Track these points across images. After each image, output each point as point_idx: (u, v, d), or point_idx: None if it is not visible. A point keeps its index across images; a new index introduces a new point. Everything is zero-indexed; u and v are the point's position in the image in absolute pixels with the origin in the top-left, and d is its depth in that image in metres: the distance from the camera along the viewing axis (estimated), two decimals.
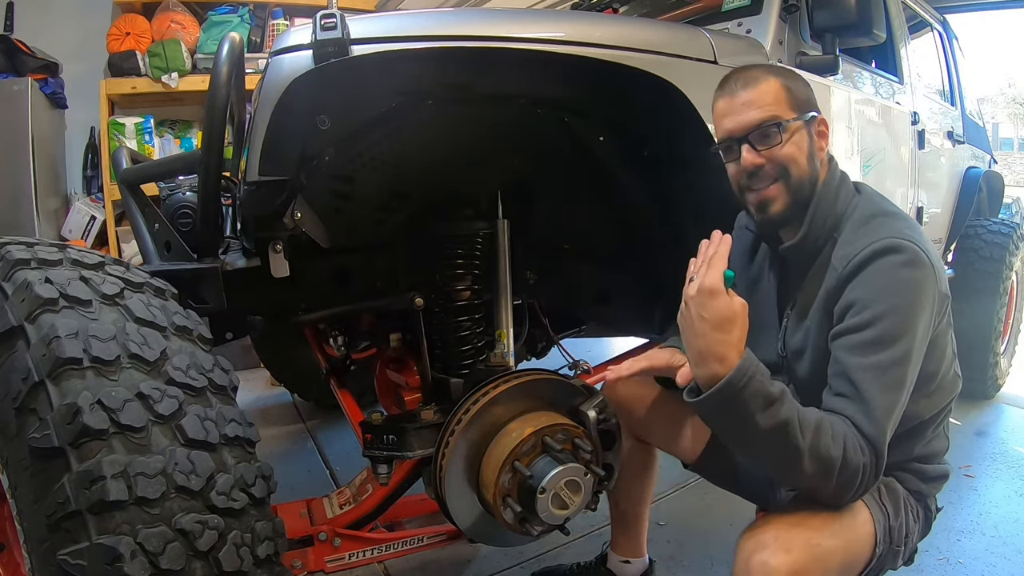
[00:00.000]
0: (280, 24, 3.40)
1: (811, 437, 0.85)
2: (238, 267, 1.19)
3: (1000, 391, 2.93)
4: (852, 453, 0.86)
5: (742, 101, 1.01)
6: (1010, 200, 8.33)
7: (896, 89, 2.15)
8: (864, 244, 0.95)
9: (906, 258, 0.92)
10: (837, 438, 0.86)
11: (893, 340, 0.90)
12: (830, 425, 0.87)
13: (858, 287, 0.94)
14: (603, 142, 1.33)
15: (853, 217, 1.03)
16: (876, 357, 0.89)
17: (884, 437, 0.89)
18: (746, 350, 0.86)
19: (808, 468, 0.85)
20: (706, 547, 1.71)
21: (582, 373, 1.45)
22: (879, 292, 0.92)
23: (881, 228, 0.97)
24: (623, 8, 2.25)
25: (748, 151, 1.01)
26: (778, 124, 1.00)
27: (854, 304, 0.93)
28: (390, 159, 1.23)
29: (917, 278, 0.93)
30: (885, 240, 0.94)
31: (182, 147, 3.36)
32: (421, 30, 1.07)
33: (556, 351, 1.74)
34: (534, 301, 1.64)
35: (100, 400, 0.73)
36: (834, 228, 1.03)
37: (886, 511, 0.99)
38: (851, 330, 0.93)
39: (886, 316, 0.90)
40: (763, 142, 1.01)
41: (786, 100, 1.02)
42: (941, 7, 2.96)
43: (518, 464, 1.11)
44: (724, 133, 1.05)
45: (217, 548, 0.73)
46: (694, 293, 0.86)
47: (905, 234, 0.95)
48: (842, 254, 0.98)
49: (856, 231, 1.00)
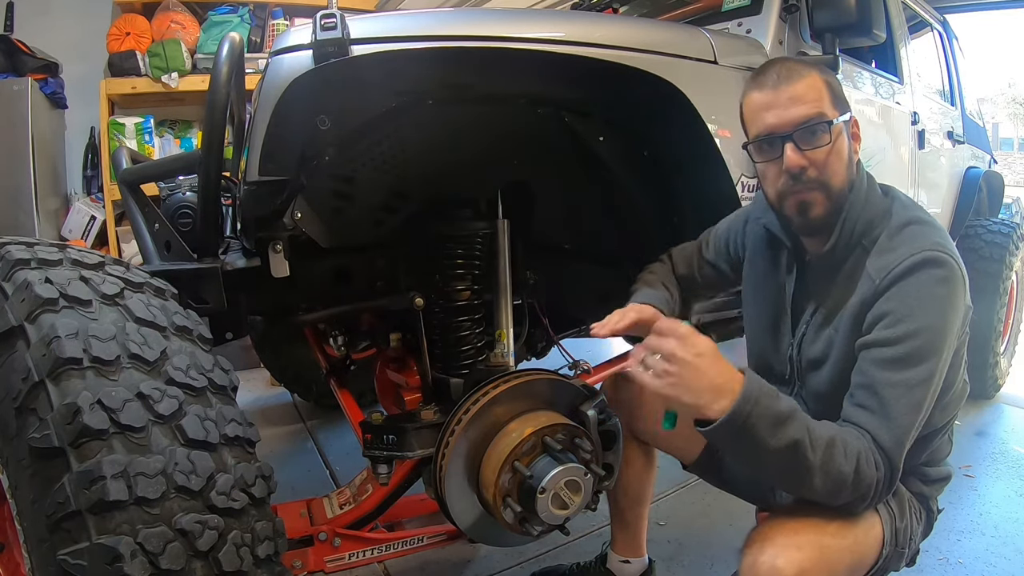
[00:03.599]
0: (280, 24, 3.40)
1: (822, 454, 0.83)
2: (238, 267, 1.20)
3: (1000, 391, 2.93)
4: (866, 467, 0.85)
5: (788, 95, 0.94)
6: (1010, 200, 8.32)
7: (896, 89, 2.15)
8: (904, 255, 0.91)
9: (944, 274, 0.90)
10: (850, 454, 0.85)
11: (923, 359, 0.88)
12: (843, 442, 0.85)
13: (894, 299, 0.91)
14: (603, 142, 1.33)
15: (889, 224, 0.98)
16: (905, 375, 0.88)
17: (902, 453, 0.88)
18: (747, 371, 0.84)
19: (819, 484, 0.84)
20: (706, 547, 1.71)
21: (582, 373, 1.44)
22: (914, 308, 0.89)
23: (919, 238, 0.94)
24: (623, 8, 2.25)
25: (793, 150, 0.94)
26: (828, 122, 0.94)
27: (887, 315, 0.91)
28: (390, 159, 1.23)
29: (953, 295, 0.91)
30: (925, 252, 0.90)
31: (182, 147, 3.36)
32: (421, 30, 1.07)
33: (556, 351, 1.74)
34: (534, 301, 1.64)
35: (100, 400, 0.73)
36: (863, 234, 0.99)
37: (892, 513, 0.99)
38: (882, 343, 0.90)
39: (919, 334, 0.88)
40: (809, 141, 0.94)
41: (829, 97, 0.96)
42: (941, 7, 2.96)
43: (518, 464, 1.11)
44: (765, 129, 0.96)
45: (217, 548, 0.73)
46: (678, 342, 0.83)
47: (942, 245, 0.92)
48: (880, 264, 0.94)
49: (892, 239, 0.96)
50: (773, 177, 0.99)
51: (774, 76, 0.97)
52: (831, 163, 0.96)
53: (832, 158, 0.96)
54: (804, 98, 0.94)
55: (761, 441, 0.82)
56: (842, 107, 0.97)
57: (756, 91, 0.98)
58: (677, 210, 1.46)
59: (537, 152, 1.35)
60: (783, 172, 0.97)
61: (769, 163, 0.98)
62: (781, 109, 0.95)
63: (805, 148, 0.94)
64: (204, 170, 1.13)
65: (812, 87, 0.95)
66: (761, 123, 0.97)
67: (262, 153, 1.02)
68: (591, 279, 1.69)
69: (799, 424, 0.84)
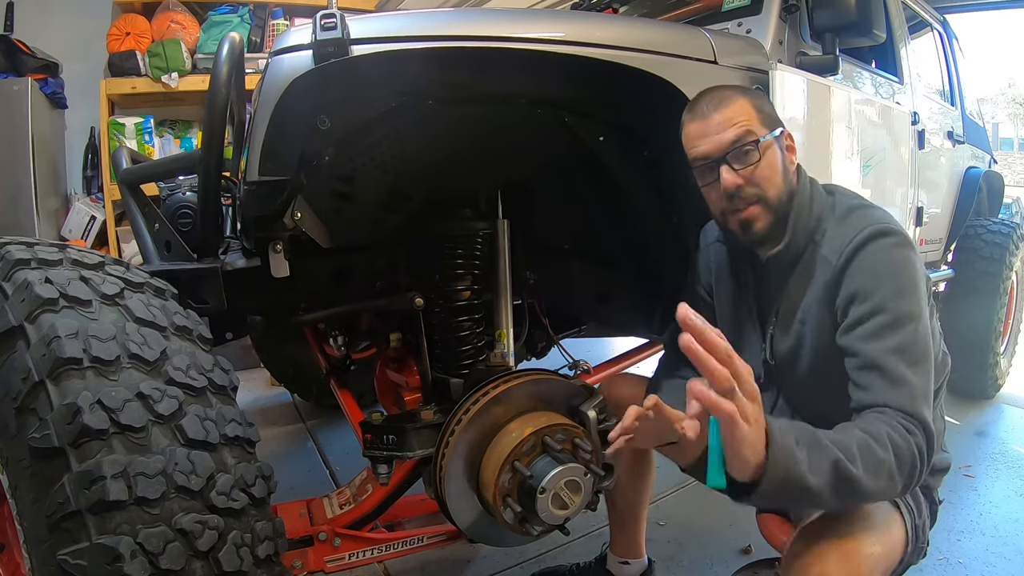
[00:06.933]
0: (280, 24, 3.40)
1: (861, 462, 0.79)
2: (238, 267, 1.20)
3: (1000, 391, 2.93)
4: (902, 442, 0.82)
5: (717, 122, 1.01)
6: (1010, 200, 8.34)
7: (896, 89, 2.15)
8: (854, 232, 0.97)
9: (897, 240, 0.95)
10: (882, 441, 0.81)
11: (907, 318, 0.91)
12: (869, 434, 0.82)
13: (857, 275, 0.95)
14: (603, 142, 1.33)
15: (833, 215, 1.04)
16: (896, 339, 0.90)
17: (927, 411, 0.87)
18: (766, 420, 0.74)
19: (872, 487, 0.80)
20: (706, 547, 1.71)
21: (582, 373, 1.45)
22: (880, 277, 0.93)
23: (864, 217, 1.00)
24: (623, 8, 2.25)
25: (728, 171, 1.01)
26: (755, 141, 1.00)
27: (857, 294, 0.94)
28: (390, 159, 1.23)
29: (911, 258, 0.95)
30: (874, 226, 0.96)
31: (182, 147, 3.36)
32: (421, 30, 1.07)
33: (556, 351, 1.74)
34: (534, 301, 1.64)
35: (100, 400, 0.73)
36: (814, 231, 1.04)
37: (912, 510, 1.00)
38: (862, 320, 0.93)
39: (894, 297, 0.92)
40: (741, 160, 1.00)
41: (757, 117, 1.02)
42: (941, 7, 2.96)
43: (518, 464, 1.11)
44: (701, 155, 1.04)
45: (217, 548, 0.73)
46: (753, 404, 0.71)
47: (887, 221, 0.98)
48: (833, 247, 0.99)
49: (839, 225, 1.01)
50: (716, 199, 1.05)
51: (704, 107, 1.04)
52: (766, 177, 1.01)
53: (766, 173, 1.01)
54: (732, 121, 1.01)
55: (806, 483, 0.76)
56: (772, 124, 1.04)
57: (690, 122, 1.05)
58: (677, 210, 1.46)
59: (537, 152, 1.35)
60: (722, 194, 1.02)
61: (710, 186, 1.05)
62: (713, 135, 1.02)
63: (739, 168, 1.01)
64: (204, 170, 1.13)
65: (740, 111, 1.01)
66: (697, 151, 1.04)
67: (262, 153, 1.02)
68: (591, 279, 1.69)
69: (828, 450, 0.78)
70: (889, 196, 2.03)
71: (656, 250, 1.55)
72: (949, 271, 2.74)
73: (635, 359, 1.98)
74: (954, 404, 2.77)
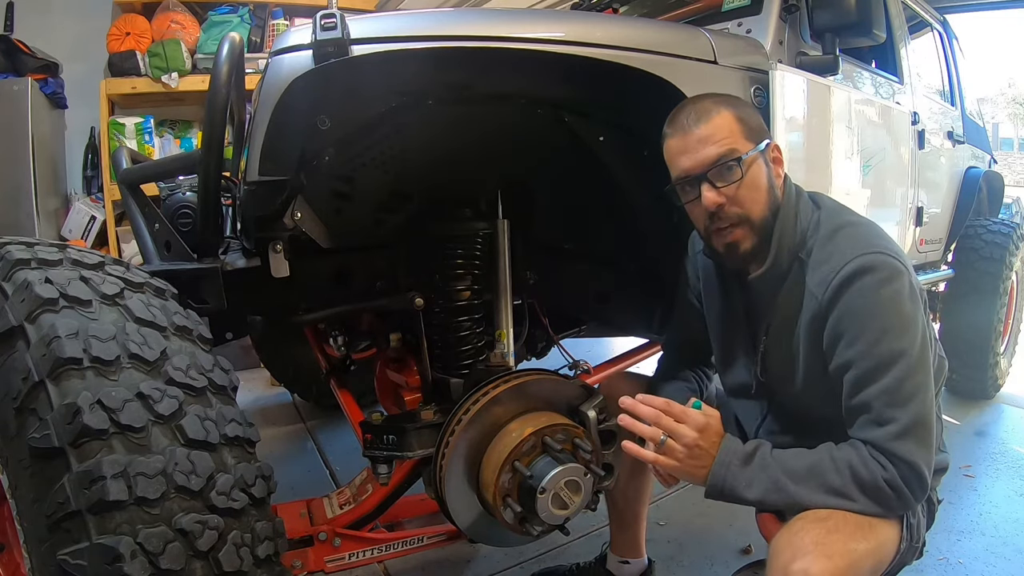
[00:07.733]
0: (280, 24, 3.40)
1: (804, 484, 0.92)
2: (238, 267, 1.19)
3: (1000, 391, 2.93)
4: (864, 471, 0.89)
5: (698, 137, 0.98)
6: (1010, 200, 8.34)
7: (896, 89, 2.15)
8: (837, 265, 0.94)
9: (882, 276, 0.92)
10: (839, 466, 0.91)
11: (893, 360, 0.90)
12: (828, 459, 0.92)
13: (843, 317, 0.93)
14: (603, 142, 1.33)
15: (818, 234, 1.01)
16: (882, 382, 0.90)
17: (913, 445, 0.89)
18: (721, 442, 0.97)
19: (819, 503, 0.91)
20: (706, 547, 1.71)
21: (582, 373, 1.45)
22: (864, 319, 0.92)
23: (849, 241, 0.97)
24: (623, 8, 2.25)
25: (708, 190, 0.98)
26: (737, 159, 0.97)
27: (843, 336, 0.94)
28: (390, 159, 1.23)
29: (898, 292, 0.92)
30: (858, 260, 0.93)
31: (182, 147, 3.36)
32: (421, 30, 1.07)
33: (556, 351, 1.74)
34: (534, 301, 1.64)
35: (100, 400, 0.73)
36: (799, 247, 1.02)
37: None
38: (848, 365, 0.93)
39: (879, 342, 0.91)
40: (723, 178, 0.98)
41: (741, 131, 0.99)
42: (941, 7, 2.96)
43: (518, 464, 1.11)
44: (681, 172, 1.01)
45: (217, 548, 0.73)
46: (696, 434, 0.95)
47: (873, 245, 0.95)
48: (818, 279, 0.97)
49: (824, 248, 0.99)
50: (698, 216, 1.03)
51: (684, 120, 1.00)
52: (749, 196, 0.99)
53: (748, 191, 0.99)
54: (714, 137, 0.98)
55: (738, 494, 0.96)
56: (756, 137, 1.00)
57: (671, 137, 1.02)
58: (677, 209, 1.46)
59: (537, 152, 1.35)
60: (704, 212, 1.01)
61: (692, 203, 1.03)
62: (693, 152, 0.99)
63: (720, 186, 0.98)
64: (204, 170, 1.13)
65: (722, 126, 0.98)
66: (678, 167, 1.02)
67: (262, 153, 1.02)
68: (591, 279, 1.69)
69: (770, 466, 0.94)
70: (889, 196, 2.03)
71: (656, 250, 1.55)
72: (949, 271, 2.74)
73: (635, 359, 1.98)
74: (954, 404, 2.78)
